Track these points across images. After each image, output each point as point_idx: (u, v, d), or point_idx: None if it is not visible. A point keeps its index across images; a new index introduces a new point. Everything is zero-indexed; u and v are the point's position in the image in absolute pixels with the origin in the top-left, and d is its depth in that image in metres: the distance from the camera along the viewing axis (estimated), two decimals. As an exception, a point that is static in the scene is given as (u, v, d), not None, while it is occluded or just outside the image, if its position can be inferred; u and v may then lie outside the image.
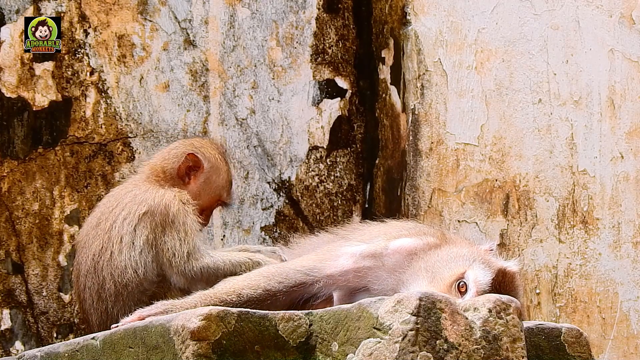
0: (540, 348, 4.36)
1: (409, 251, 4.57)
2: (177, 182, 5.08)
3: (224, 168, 5.19)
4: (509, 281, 4.48)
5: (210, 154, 5.16)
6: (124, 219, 4.89)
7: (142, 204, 4.91)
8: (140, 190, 4.99)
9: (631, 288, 5.97)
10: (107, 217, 4.94)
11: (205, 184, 5.13)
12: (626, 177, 6.02)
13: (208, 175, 5.13)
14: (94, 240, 4.93)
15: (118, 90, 5.97)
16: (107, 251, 4.88)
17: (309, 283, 4.60)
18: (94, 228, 4.97)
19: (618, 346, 5.96)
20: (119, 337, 4.32)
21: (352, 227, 5.06)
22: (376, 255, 4.60)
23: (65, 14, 5.90)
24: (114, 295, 4.80)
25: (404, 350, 3.95)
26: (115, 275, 4.86)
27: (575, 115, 6.05)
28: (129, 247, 4.86)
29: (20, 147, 5.81)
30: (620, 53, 6.06)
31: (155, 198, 4.93)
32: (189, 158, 5.11)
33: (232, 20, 6.18)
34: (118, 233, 4.88)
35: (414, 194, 6.04)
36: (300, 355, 4.14)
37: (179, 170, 5.09)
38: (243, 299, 4.53)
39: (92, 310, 4.83)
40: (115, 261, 4.86)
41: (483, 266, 4.46)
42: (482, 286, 4.39)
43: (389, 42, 6.25)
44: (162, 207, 4.91)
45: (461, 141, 6.04)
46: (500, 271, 4.45)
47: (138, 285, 4.84)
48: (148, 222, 4.90)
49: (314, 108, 6.30)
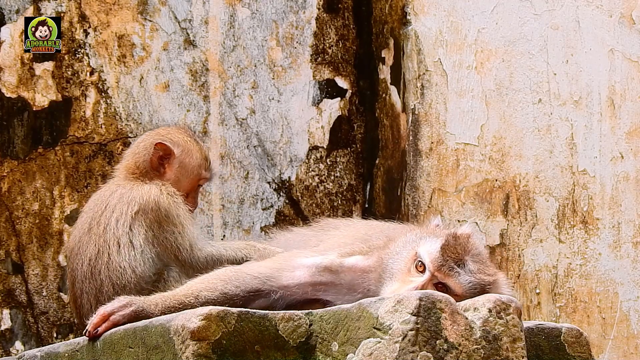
0: (540, 348, 4.36)
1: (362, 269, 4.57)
2: (153, 174, 5.07)
3: (195, 147, 5.17)
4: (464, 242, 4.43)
5: (178, 138, 5.15)
6: (117, 221, 4.88)
7: (131, 202, 4.91)
8: (125, 189, 4.98)
9: (631, 288, 5.97)
10: (98, 221, 4.93)
11: (181, 168, 5.12)
12: (626, 177, 6.02)
13: (181, 159, 5.13)
14: (88, 245, 4.92)
15: (118, 90, 5.97)
16: (104, 254, 4.87)
17: (266, 291, 4.58)
18: (86, 233, 4.95)
19: (618, 346, 5.96)
20: (119, 337, 4.32)
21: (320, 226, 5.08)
22: (332, 270, 4.60)
23: (65, 14, 5.90)
24: (112, 297, 4.80)
25: (404, 350, 3.95)
26: (113, 277, 4.85)
27: (575, 115, 6.05)
28: (128, 247, 4.86)
29: (20, 147, 5.81)
30: (620, 53, 6.06)
31: (143, 195, 4.92)
32: (158, 147, 5.09)
33: (232, 20, 6.18)
34: (114, 235, 4.87)
35: (414, 194, 6.04)
36: (300, 355, 4.14)
37: (152, 162, 5.09)
38: (201, 300, 4.50)
39: (90, 315, 4.82)
40: (113, 263, 4.85)
41: (430, 238, 4.46)
42: (434, 254, 4.37)
43: (389, 42, 6.24)
44: (152, 203, 4.92)
45: (461, 141, 6.04)
46: (450, 235, 4.43)
47: (136, 285, 4.84)
48: (142, 220, 4.90)
49: (314, 108, 6.30)
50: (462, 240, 4.44)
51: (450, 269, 4.36)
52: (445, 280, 4.36)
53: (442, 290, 4.33)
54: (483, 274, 4.40)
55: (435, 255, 4.37)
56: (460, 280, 4.35)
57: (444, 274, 4.36)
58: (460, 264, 4.37)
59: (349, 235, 4.82)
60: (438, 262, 4.36)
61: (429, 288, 4.33)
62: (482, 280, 4.38)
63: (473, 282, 4.36)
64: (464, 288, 4.35)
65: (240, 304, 4.44)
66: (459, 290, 4.34)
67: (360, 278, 4.56)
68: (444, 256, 4.37)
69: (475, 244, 4.50)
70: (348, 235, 4.83)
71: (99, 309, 4.44)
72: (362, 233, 4.79)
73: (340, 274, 4.58)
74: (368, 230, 4.83)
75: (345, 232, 4.87)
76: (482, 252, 4.52)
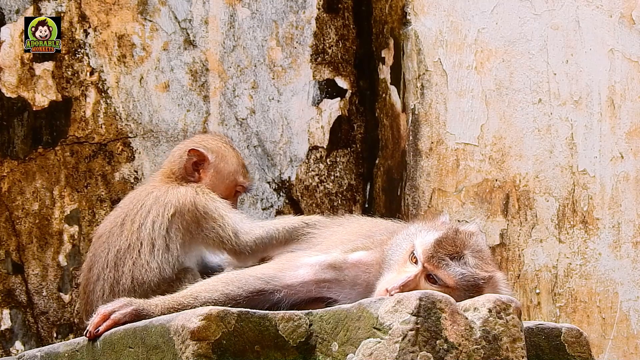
0: (540, 348, 4.36)
1: (365, 264, 4.57)
2: (189, 180, 5.10)
3: (231, 154, 5.21)
4: (465, 238, 4.41)
5: (212, 145, 5.18)
6: (153, 222, 4.92)
7: (167, 205, 4.94)
8: (160, 192, 5.01)
9: (631, 288, 5.97)
10: (132, 219, 4.96)
11: (216, 174, 5.15)
12: (626, 177, 6.02)
13: (216, 164, 5.15)
14: (119, 237, 4.94)
15: (118, 90, 5.97)
16: (134, 250, 4.90)
17: (269, 291, 4.57)
18: (118, 226, 4.97)
19: (618, 346, 5.96)
20: (119, 337, 4.32)
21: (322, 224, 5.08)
22: (336, 267, 4.60)
23: (65, 14, 5.90)
24: (127, 290, 4.84)
25: (404, 350, 3.95)
26: (136, 273, 4.88)
27: (575, 115, 6.05)
28: (162, 250, 4.90)
29: (20, 147, 5.81)
30: (620, 53, 6.06)
31: (180, 198, 4.95)
32: (192, 154, 5.13)
33: (232, 20, 6.18)
34: (149, 235, 4.91)
35: (414, 194, 6.04)
36: (300, 355, 4.14)
37: (186, 169, 5.12)
38: (200, 301, 4.51)
39: (101, 302, 4.84)
40: (141, 261, 4.88)
41: (428, 231, 4.44)
42: (426, 245, 4.35)
43: (389, 42, 6.25)
44: (188, 204, 4.95)
45: (461, 141, 6.04)
46: (451, 229, 4.42)
47: (156, 284, 4.88)
48: (179, 223, 4.93)
49: (314, 108, 6.30)
50: (463, 236, 4.43)
51: (440, 261, 4.33)
52: (435, 271, 4.34)
53: (432, 281, 4.33)
54: (478, 268, 4.37)
55: (427, 247, 4.36)
56: (449, 271, 4.33)
57: (433, 266, 4.34)
58: (456, 257, 4.34)
59: (352, 232, 4.82)
60: (428, 253, 4.34)
61: (421, 280, 4.33)
62: (476, 274, 4.35)
63: (465, 275, 4.33)
64: (455, 279, 4.32)
65: (243, 305, 4.44)
66: (450, 282, 4.31)
67: (364, 273, 4.56)
68: (436, 248, 4.35)
69: (478, 241, 4.48)
70: (351, 232, 4.83)
71: (99, 309, 4.45)
72: (365, 230, 4.80)
73: (344, 271, 4.58)
74: (372, 227, 4.83)
75: (348, 229, 4.87)
76: (484, 250, 4.50)
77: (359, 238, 4.71)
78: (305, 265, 4.61)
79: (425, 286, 4.32)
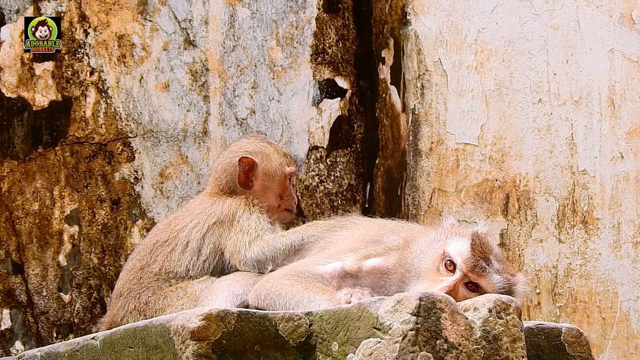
0: (540, 348, 4.36)
1: (381, 271, 4.59)
2: (241, 191, 5.16)
3: (271, 149, 5.26)
4: (485, 242, 4.46)
5: (253, 147, 5.24)
6: (193, 227, 5.08)
7: (211, 215, 5.08)
8: (207, 204, 5.13)
9: (631, 288, 5.97)
10: (178, 222, 5.14)
11: (265, 175, 5.21)
12: (626, 177, 6.02)
13: (262, 165, 5.20)
14: (163, 232, 5.14)
15: (118, 90, 5.97)
16: (170, 245, 5.08)
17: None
18: (166, 225, 5.18)
19: (618, 346, 5.96)
20: (119, 337, 4.32)
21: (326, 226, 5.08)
22: (352, 274, 4.61)
23: (65, 14, 5.90)
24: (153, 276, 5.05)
25: (404, 350, 3.95)
26: (166, 265, 5.06)
27: (575, 115, 6.05)
28: (193, 252, 5.05)
29: (20, 147, 5.81)
30: (620, 53, 6.06)
31: (224, 209, 5.08)
32: (243, 162, 5.17)
33: (232, 20, 6.18)
34: (186, 237, 5.07)
35: (414, 194, 6.04)
36: (300, 355, 4.14)
37: (240, 178, 5.18)
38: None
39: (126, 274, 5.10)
40: (173, 257, 5.06)
41: (457, 237, 4.49)
42: (465, 254, 4.40)
43: (389, 42, 6.25)
44: (230, 215, 5.06)
45: (461, 141, 6.04)
46: (474, 235, 4.47)
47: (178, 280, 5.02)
48: (216, 230, 5.06)
49: (314, 108, 6.30)
50: (485, 240, 4.49)
51: (483, 269, 4.40)
52: (478, 280, 4.40)
53: (472, 289, 4.38)
54: (508, 273, 4.46)
55: (467, 256, 4.41)
56: (491, 279, 4.40)
57: (476, 274, 4.40)
58: (488, 262, 4.41)
59: (359, 237, 4.82)
60: (471, 262, 4.40)
61: (460, 287, 4.39)
62: (509, 280, 4.44)
63: (502, 281, 4.42)
64: (495, 287, 4.40)
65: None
66: (490, 289, 4.38)
67: (381, 280, 4.57)
68: (475, 256, 4.41)
69: (493, 243, 4.56)
70: (358, 237, 4.82)
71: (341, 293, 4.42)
72: (372, 234, 4.79)
73: (361, 279, 4.59)
74: (378, 230, 4.83)
75: (355, 234, 4.86)
76: (499, 251, 4.58)
77: (369, 244, 4.71)
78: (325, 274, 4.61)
79: (463, 293, 4.38)
